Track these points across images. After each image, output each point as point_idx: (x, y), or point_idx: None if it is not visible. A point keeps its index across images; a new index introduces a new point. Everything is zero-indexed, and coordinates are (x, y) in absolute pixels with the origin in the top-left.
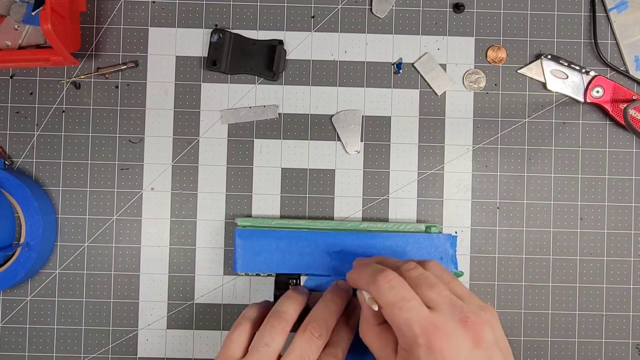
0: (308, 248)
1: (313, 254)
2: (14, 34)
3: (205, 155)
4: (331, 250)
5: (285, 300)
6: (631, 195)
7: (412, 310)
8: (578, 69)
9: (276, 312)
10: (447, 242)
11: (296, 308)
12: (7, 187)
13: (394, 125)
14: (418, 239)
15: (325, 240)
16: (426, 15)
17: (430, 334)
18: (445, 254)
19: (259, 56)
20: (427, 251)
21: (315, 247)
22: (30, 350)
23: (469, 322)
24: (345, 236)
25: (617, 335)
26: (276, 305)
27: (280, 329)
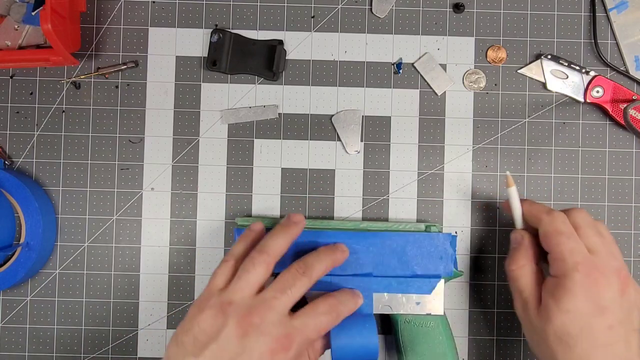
0: (308, 247)
1: None
2: (14, 34)
3: (205, 155)
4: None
5: (269, 236)
6: (631, 195)
7: (578, 244)
8: (578, 69)
9: (260, 246)
10: (447, 241)
11: (281, 243)
12: (7, 187)
13: (394, 125)
14: (418, 239)
15: (325, 239)
16: (426, 15)
17: (590, 267)
18: (445, 254)
19: (259, 56)
20: (427, 250)
21: (315, 246)
22: (30, 350)
23: (622, 275)
24: (345, 235)
25: None
26: (261, 241)
27: (262, 260)
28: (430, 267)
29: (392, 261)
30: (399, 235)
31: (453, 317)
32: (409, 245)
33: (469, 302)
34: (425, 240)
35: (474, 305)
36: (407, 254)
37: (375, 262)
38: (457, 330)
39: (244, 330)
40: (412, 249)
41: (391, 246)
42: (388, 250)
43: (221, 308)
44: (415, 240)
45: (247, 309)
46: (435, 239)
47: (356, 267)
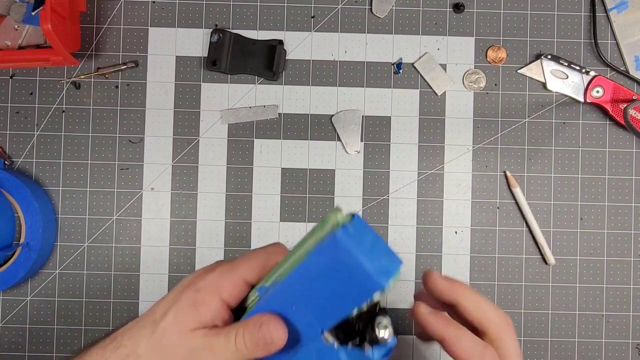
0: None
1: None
2: (14, 34)
3: (205, 155)
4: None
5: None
6: (631, 195)
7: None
8: (578, 69)
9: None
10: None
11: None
12: (7, 187)
13: (394, 125)
14: (310, 266)
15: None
16: (426, 15)
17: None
18: (351, 263)
19: (259, 56)
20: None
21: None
22: (30, 350)
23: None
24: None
25: (617, 335)
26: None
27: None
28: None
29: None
30: (294, 277)
31: None
32: (310, 281)
33: None
34: (317, 261)
35: None
36: (318, 293)
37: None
38: None
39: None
40: (318, 283)
41: (297, 290)
42: (292, 298)
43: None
44: (309, 270)
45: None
46: (327, 251)
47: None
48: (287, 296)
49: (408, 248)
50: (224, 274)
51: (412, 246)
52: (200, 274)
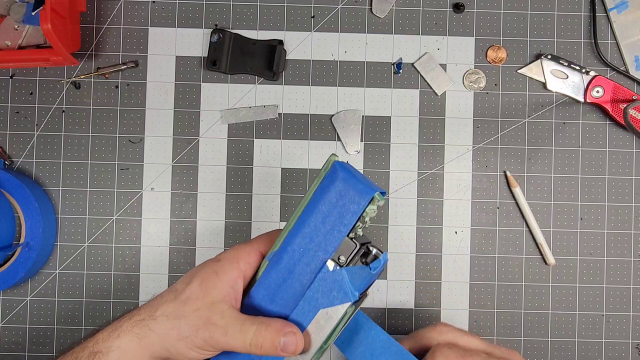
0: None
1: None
2: (14, 34)
3: (205, 155)
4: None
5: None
6: (631, 195)
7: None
8: (578, 69)
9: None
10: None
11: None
12: (7, 187)
13: (394, 125)
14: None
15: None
16: (426, 15)
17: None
18: (345, 190)
19: (259, 56)
20: (338, 205)
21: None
22: (30, 350)
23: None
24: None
25: (617, 335)
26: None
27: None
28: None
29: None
30: (308, 219)
31: (453, 317)
32: (322, 214)
33: (469, 302)
34: (327, 193)
35: (474, 305)
36: (328, 220)
37: (317, 259)
38: None
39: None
40: (329, 213)
41: (310, 232)
42: (311, 238)
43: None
44: (323, 205)
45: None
46: (331, 183)
47: (307, 276)
48: (295, 243)
49: (408, 248)
50: (241, 246)
51: (412, 246)
52: (219, 253)
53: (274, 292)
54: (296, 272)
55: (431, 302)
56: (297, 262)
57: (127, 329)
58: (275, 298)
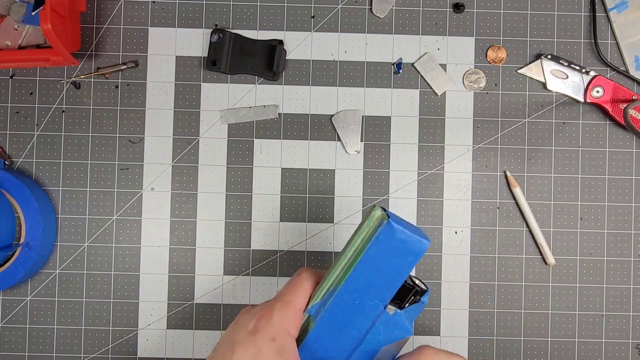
0: (321, 353)
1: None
2: (14, 34)
3: (205, 155)
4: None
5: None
6: (631, 195)
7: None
8: (578, 69)
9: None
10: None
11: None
12: (7, 187)
13: (394, 125)
14: (369, 260)
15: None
16: (426, 15)
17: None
18: (398, 245)
19: (259, 56)
20: (391, 258)
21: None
22: (30, 350)
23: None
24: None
25: (617, 335)
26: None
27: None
28: (406, 257)
29: (377, 289)
30: (362, 270)
31: (453, 317)
32: (376, 267)
33: (469, 302)
34: (382, 251)
35: (474, 305)
36: (381, 273)
37: (370, 307)
38: (457, 330)
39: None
40: (382, 266)
41: (364, 283)
42: (365, 288)
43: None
44: (377, 260)
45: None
46: (385, 241)
47: (361, 323)
48: (347, 296)
49: None
50: (285, 312)
51: None
52: (260, 316)
53: (329, 343)
54: (352, 322)
55: (431, 302)
56: (352, 314)
57: None
58: (330, 347)
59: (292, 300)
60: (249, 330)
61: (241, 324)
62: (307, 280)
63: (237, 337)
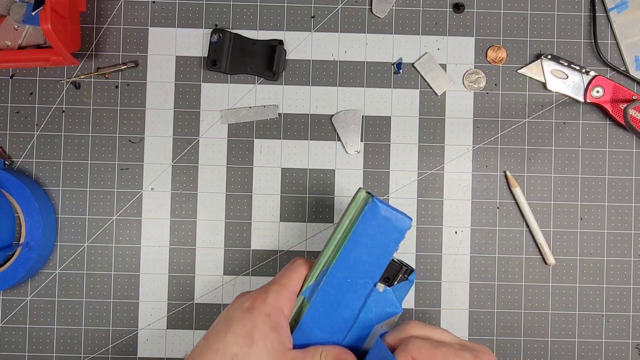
0: (315, 336)
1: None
2: (14, 34)
3: (205, 155)
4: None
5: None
6: (631, 195)
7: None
8: (578, 69)
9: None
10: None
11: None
12: (7, 187)
13: (394, 125)
14: (357, 240)
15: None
16: (426, 15)
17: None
18: (383, 223)
19: (259, 56)
20: (378, 235)
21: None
22: (30, 350)
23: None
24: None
25: (617, 335)
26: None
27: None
28: (391, 234)
29: (367, 265)
30: (351, 249)
31: (453, 317)
32: (364, 245)
33: (468, 302)
34: (369, 229)
35: (474, 305)
36: (369, 250)
37: (362, 283)
38: (457, 330)
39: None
40: (369, 243)
41: (355, 261)
42: (356, 265)
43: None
44: (364, 237)
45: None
46: (371, 219)
47: (354, 302)
48: (340, 275)
49: (408, 248)
50: (280, 294)
51: (412, 246)
52: (256, 297)
53: (324, 323)
54: (345, 301)
55: (431, 302)
56: (345, 292)
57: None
58: (326, 328)
59: (286, 283)
60: (245, 307)
61: (237, 303)
62: (301, 266)
63: (234, 314)
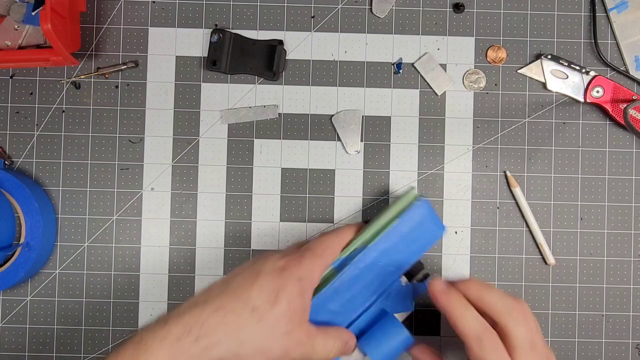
0: (333, 305)
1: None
2: (14, 34)
3: (205, 155)
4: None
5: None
6: (631, 195)
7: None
8: (578, 69)
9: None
10: (425, 209)
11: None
12: (7, 187)
13: (394, 125)
14: (401, 229)
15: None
16: (426, 15)
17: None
18: (426, 222)
19: (259, 56)
20: (417, 234)
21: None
22: (30, 350)
23: (537, 350)
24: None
25: (617, 335)
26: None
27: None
28: (428, 237)
29: (399, 260)
30: (390, 238)
31: None
32: (404, 238)
33: None
34: (412, 223)
35: None
36: (406, 245)
37: (388, 272)
38: None
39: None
40: (408, 238)
41: (391, 250)
42: (390, 254)
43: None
44: (405, 229)
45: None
46: (417, 216)
47: (377, 287)
48: (373, 256)
49: None
50: (314, 261)
51: None
52: (291, 259)
53: (345, 297)
54: (370, 282)
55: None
56: (373, 274)
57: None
58: (344, 302)
59: (322, 254)
60: (279, 266)
61: (271, 260)
62: (341, 237)
63: (265, 268)
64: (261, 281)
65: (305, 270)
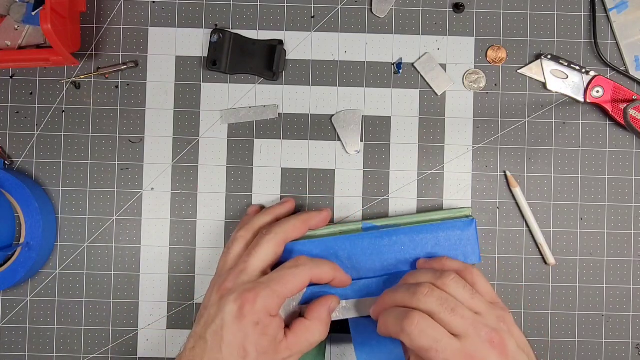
0: (342, 252)
1: (348, 259)
2: (14, 34)
3: (205, 155)
4: (357, 253)
5: (282, 220)
6: (631, 195)
7: (447, 350)
8: (578, 69)
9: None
10: (471, 228)
11: (289, 225)
12: (7, 187)
13: (394, 125)
14: (444, 231)
15: (350, 243)
16: (426, 15)
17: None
18: (470, 242)
19: (259, 56)
20: (454, 241)
21: (348, 251)
22: (30, 350)
23: (495, 341)
24: (372, 235)
25: (617, 335)
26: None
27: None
28: (460, 257)
29: (421, 256)
30: (425, 231)
31: None
32: (436, 239)
33: None
34: (451, 231)
35: None
36: (435, 248)
37: (404, 260)
38: None
39: (221, 296)
40: (440, 243)
41: (420, 242)
42: (416, 245)
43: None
44: (442, 233)
45: (224, 279)
46: (460, 228)
47: (387, 266)
48: (403, 237)
49: None
50: (269, 300)
51: None
52: (244, 301)
53: (359, 256)
54: (386, 257)
55: None
56: (392, 252)
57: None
58: (358, 261)
59: (279, 291)
60: (235, 315)
61: (228, 305)
62: (303, 270)
63: (226, 320)
64: (226, 338)
65: (260, 312)
